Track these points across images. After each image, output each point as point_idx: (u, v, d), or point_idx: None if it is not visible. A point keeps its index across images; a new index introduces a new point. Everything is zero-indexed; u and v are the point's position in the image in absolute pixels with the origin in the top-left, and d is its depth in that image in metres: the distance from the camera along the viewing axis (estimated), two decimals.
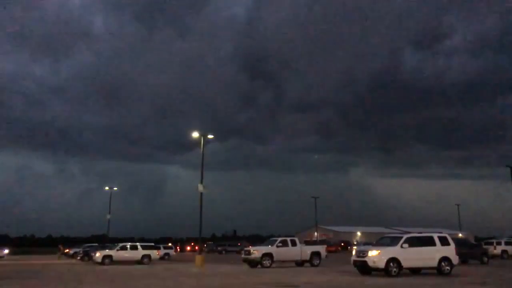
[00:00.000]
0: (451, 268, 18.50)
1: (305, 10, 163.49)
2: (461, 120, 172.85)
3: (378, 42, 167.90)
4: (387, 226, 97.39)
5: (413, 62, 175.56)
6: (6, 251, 53.55)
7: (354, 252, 19.83)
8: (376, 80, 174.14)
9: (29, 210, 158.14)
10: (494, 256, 34.44)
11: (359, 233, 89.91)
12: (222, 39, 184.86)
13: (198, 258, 28.59)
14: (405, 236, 18.81)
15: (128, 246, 33.13)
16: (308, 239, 64.65)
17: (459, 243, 22.56)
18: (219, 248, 66.30)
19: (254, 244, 37.82)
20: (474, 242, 42.83)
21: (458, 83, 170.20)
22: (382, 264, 17.68)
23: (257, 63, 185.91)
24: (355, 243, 67.64)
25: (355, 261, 19.08)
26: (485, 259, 28.41)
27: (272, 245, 25.97)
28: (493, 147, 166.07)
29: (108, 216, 55.76)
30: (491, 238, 49.15)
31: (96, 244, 47.24)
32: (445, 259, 18.51)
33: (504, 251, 36.21)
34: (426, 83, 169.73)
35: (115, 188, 56.97)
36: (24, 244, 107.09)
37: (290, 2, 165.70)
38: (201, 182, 30.57)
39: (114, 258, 31.69)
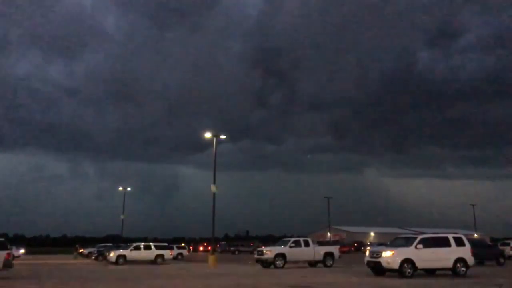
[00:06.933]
0: (466, 269, 18.30)
1: (317, 8, 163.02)
2: (476, 119, 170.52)
3: (392, 40, 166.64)
4: (401, 226, 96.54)
5: (427, 61, 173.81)
6: (22, 251, 54.45)
7: (367, 253, 19.72)
8: (389, 79, 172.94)
9: (45, 210, 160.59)
10: (510, 257, 33.90)
11: (372, 234, 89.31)
12: (234, 38, 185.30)
13: (211, 258, 28.69)
14: (419, 237, 18.63)
15: (142, 246, 33.40)
16: (321, 240, 64.33)
17: (474, 244, 22.21)
18: (232, 248, 66.48)
19: (267, 244, 37.79)
20: (490, 243, 42.13)
21: (473, 81, 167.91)
22: (396, 265, 17.55)
23: (269, 62, 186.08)
24: (368, 243, 67.20)
25: (368, 262, 18.96)
26: (502, 260, 27.98)
27: (285, 245, 25.91)
28: (509, 147, 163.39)
29: (122, 216, 56.23)
30: (507, 239, 48.31)
31: (110, 244, 47.71)
32: (460, 260, 18.30)
33: None
34: (440, 81, 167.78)
35: (129, 189, 57.46)
36: (39, 244, 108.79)
37: (302, 0, 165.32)
38: (214, 183, 30.66)
39: (128, 258, 32.00)
